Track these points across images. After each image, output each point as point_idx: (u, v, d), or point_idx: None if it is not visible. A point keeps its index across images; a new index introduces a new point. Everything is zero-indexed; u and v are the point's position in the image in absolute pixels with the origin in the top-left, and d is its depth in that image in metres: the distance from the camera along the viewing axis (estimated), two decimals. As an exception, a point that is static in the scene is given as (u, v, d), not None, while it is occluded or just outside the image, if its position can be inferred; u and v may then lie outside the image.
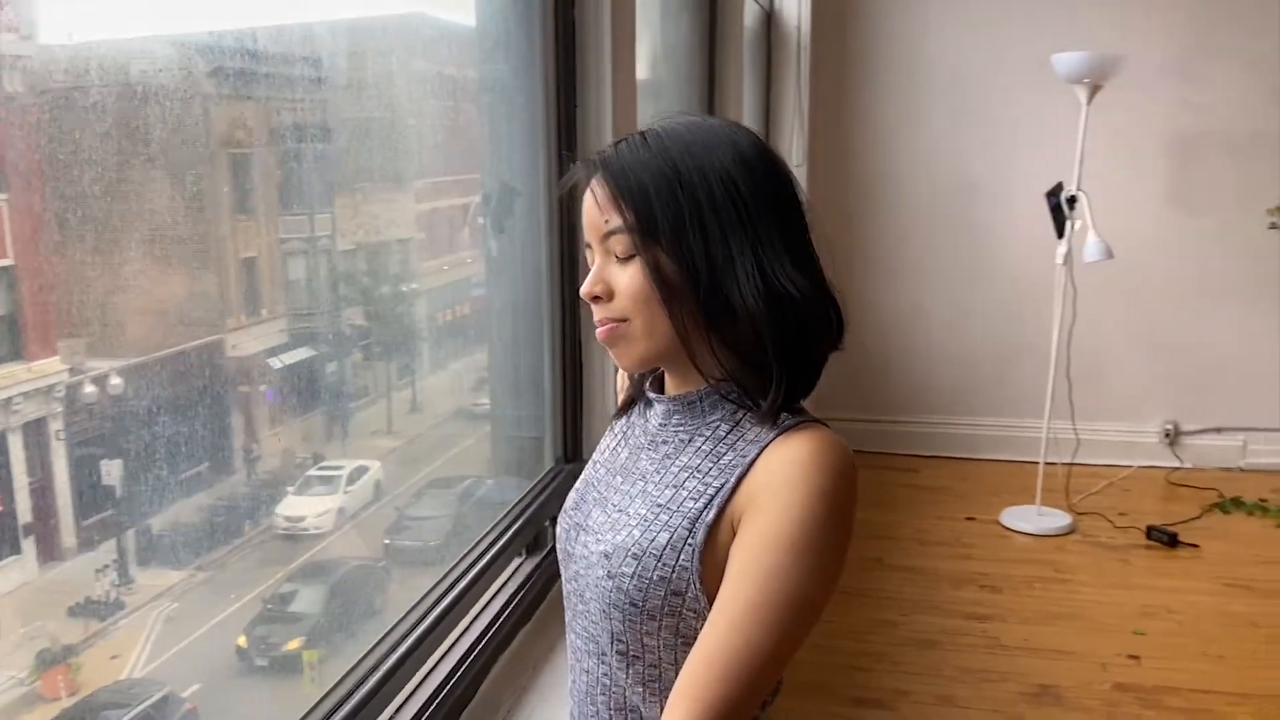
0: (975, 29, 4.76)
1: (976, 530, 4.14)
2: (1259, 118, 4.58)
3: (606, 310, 0.96)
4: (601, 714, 1.00)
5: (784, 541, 0.87)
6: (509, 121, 1.75)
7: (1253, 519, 4.22)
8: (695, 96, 3.12)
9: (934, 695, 2.93)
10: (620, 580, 0.93)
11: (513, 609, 1.56)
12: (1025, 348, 4.75)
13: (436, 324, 1.59)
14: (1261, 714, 2.83)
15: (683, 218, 0.91)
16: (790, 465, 0.90)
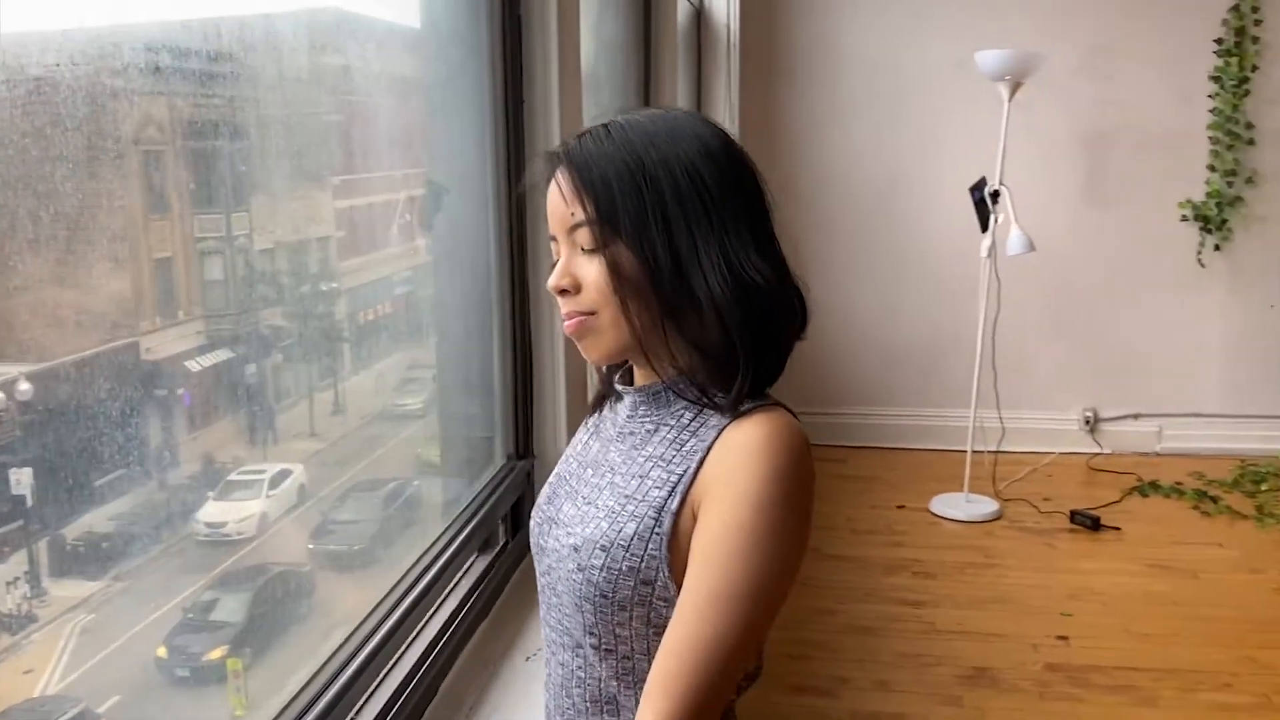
0: (899, 27, 4.84)
1: (907, 518, 4.22)
2: (1169, 115, 4.74)
3: (574, 303, 0.96)
4: (577, 705, 1.00)
5: (742, 527, 0.87)
6: (454, 118, 1.73)
7: (1170, 501, 4.35)
8: (632, 92, 3.12)
9: (872, 681, 2.97)
10: (590, 573, 0.93)
11: (470, 607, 1.55)
12: (951, 339, 4.84)
13: (359, 323, 1.56)
14: (1184, 688, 2.93)
15: (645, 210, 0.91)
16: (743, 450, 0.90)
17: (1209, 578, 3.64)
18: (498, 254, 1.76)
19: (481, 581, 1.62)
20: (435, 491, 1.85)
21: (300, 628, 1.33)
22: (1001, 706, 2.85)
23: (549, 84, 1.72)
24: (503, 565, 1.72)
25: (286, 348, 1.37)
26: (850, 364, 4.97)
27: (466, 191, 1.76)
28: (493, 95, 1.73)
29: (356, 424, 1.54)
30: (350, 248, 1.60)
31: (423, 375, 1.82)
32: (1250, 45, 4.63)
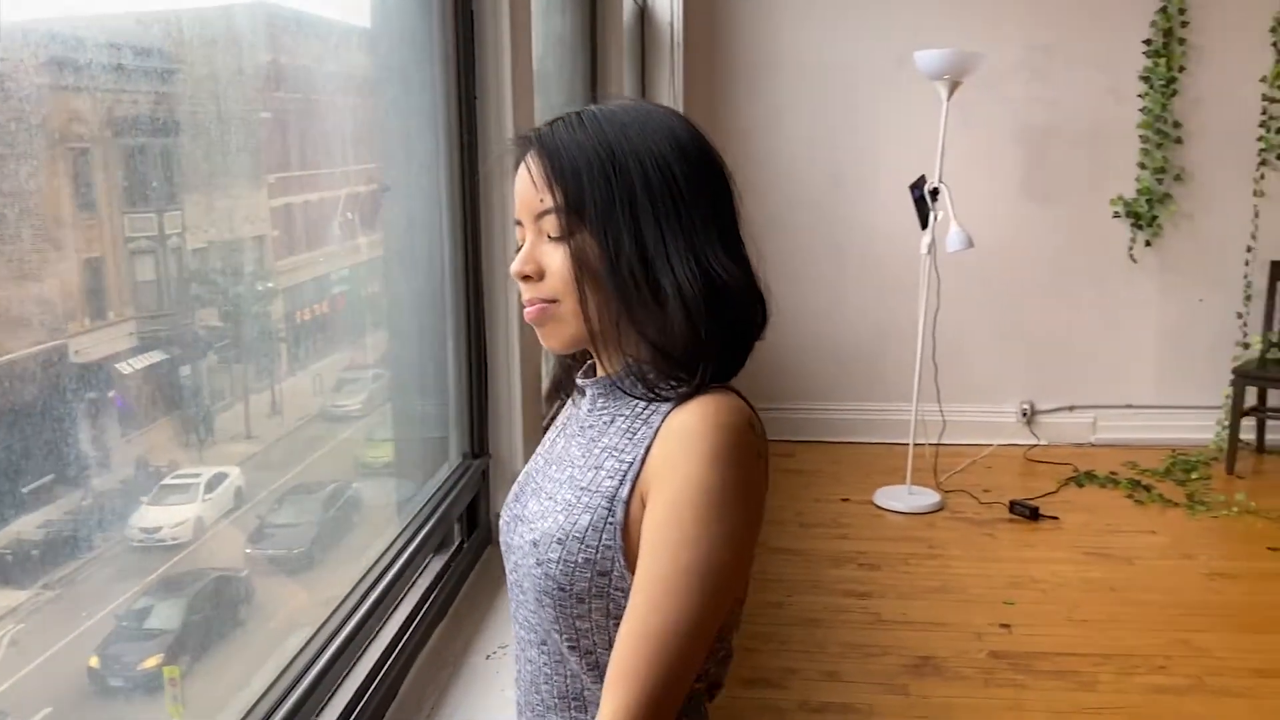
0: (840, 27, 4.89)
1: (852, 511, 4.26)
2: (1101, 113, 4.85)
3: (536, 290, 0.95)
4: (546, 702, 0.99)
5: (686, 511, 0.87)
6: (407, 114, 1.71)
7: (1105, 491, 4.46)
8: (579, 88, 3.11)
9: (820, 672, 3.00)
10: (547, 566, 0.92)
11: (428, 607, 1.54)
12: (893, 334, 4.91)
13: (296, 323, 1.53)
14: (1122, 672, 3.00)
15: (613, 201, 0.91)
16: (683, 433, 0.89)
17: (1143, 564, 3.73)
18: (451, 250, 1.75)
19: (438, 581, 1.60)
20: (383, 492, 1.82)
21: (239, 633, 1.31)
22: (947, 694, 2.90)
23: (501, 79, 1.71)
24: (459, 565, 1.71)
25: (222, 349, 1.33)
26: (795, 360, 5.01)
27: (419, 187, 1.74)
28: (445, 91, 1.71)
29: (294, 425, 1.51)
30: (287, 246, 1.57)
31: (363, 375, 1.79)
32: (1177, 46, 4.76)
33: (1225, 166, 4.83)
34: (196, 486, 1.27)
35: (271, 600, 1.41)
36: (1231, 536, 3.99)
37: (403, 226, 1.75)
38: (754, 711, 2.80)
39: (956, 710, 2.82)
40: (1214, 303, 4.93)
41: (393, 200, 1.72)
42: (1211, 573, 3.67)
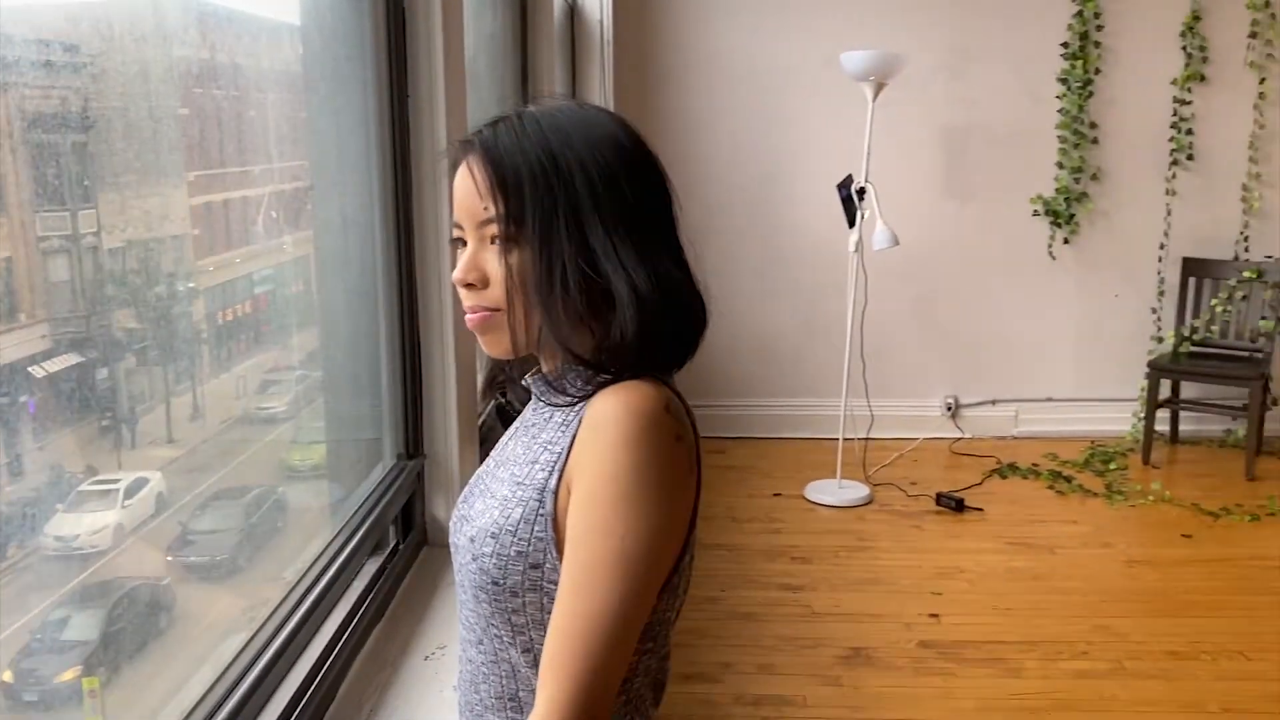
0: (769, 28, 4.93)
1: (784, 505, 4.31)
2: (1020, 113, 4.97)
3: (479, 298, 0.94)
4: (485, 702, 0.99)
5: (601, 498, 0.86)
6: (338, 112, 1.68)
7: (1027, 482, 4.58)
8: (509, 87, 3.10)
9: (755, 665, 3.03)
10: (482, 561, 0.92)
11: (365, 609, 1.52)
12: (822, 331, 4.97)
13: (218, 324, 1.49)
14: (1046, 658, 3.08)
15: (557, 211, 0.90)
16: (597, 421, 0.89)
17: (1065, 553, 3.84)
18: (384, 249, 1.72)
19: (374, 584, 1.59)
20: (313, 495, 1.79)
21: (161, 642, 1.27)
22: (878, 684, 2.95)
23: (434, 78, 1.69)
24: (396, 567, 1.69)
25: (141, 350, 1.29)
26: (726, 357, 5.04)
27: (351, 185, 1.71)
28: (377, 89, 1.69)
29: (218, 428, 1.47)
30: (208, 245, 1.53)
31: (289, 376, 1.75)
32: (1093, 50, 4.90)
33: (1139, 166, 4.99)
34: (115, 493, 1.23)
35: (195, 608, 1.38)
36: (1148, 524, 4.12)
37: (335, 224, 1.72)
38: (690, 706, 2.81)
39: (888, 699, 2.87)
40: (1129, 298, 5.09)
41: (324, 198, 1.69)
42: (1130, 560, 3.79)
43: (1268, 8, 4.83)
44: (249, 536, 1.51)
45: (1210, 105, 4.93)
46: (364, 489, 1.71)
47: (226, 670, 1.26)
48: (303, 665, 1.34)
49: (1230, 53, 4.88)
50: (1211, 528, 4.04)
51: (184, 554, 1.37)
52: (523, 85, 3.20)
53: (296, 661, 1.35)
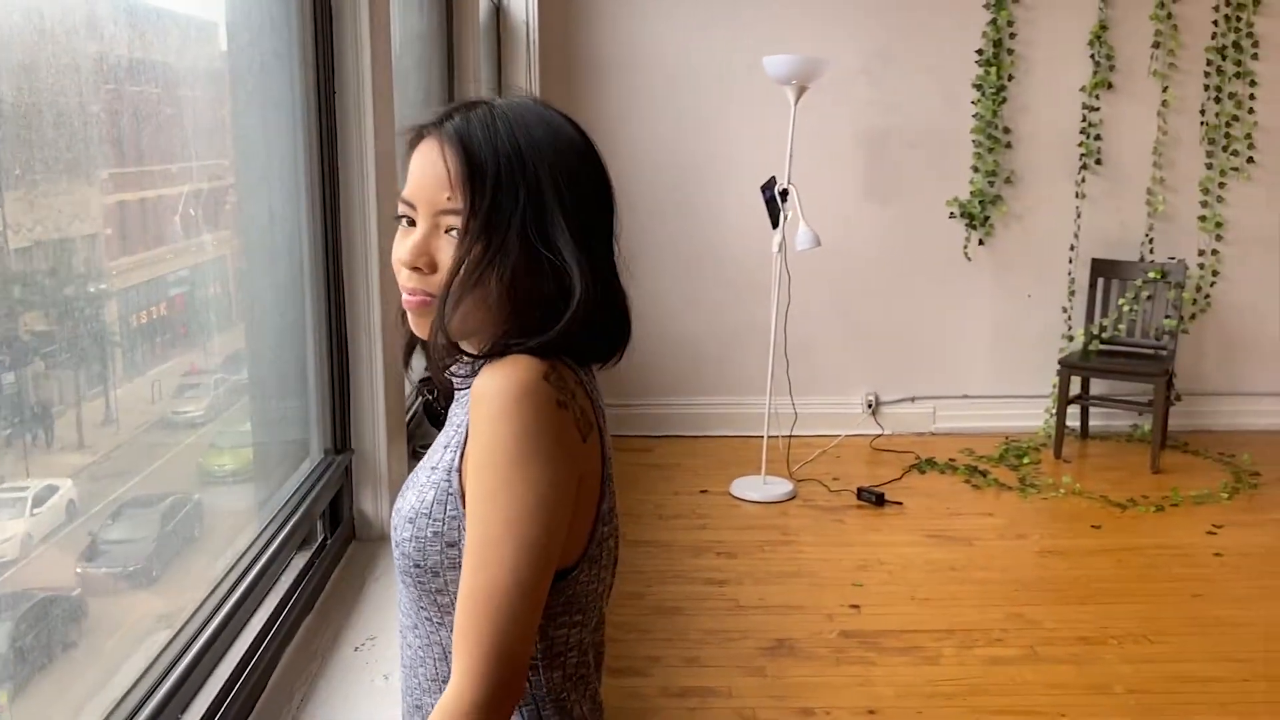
0: (692, 30, 4.99)
1: (710, 502, 4.37)
2: (936, 118, 5.11)
3: (423, 283, 0.93)
4: (422, 684, 1.00)
5: (486, 470, 0.88)
6: (265, 109, 1.66)
7: (944, 476, 4.71)
8: (435, 84, 3.08)
9: (681, 658, 3.07)
10: (403, 545, 0.94)
11: (293, 603, 1.51)
12: (747, 330, 5.04)
13: (131, 326, 1.44)
14: (962, 645, 3.18)
15: (524, 213, 0.90)
16: (480, 396, 0.90)
17: (980, 544, 3.96)
18: (311, 246, 1.71)
19: (303, 578, 1.58)
20: (235, 496, 1.76)
21: (71, 654, 1.24)
22: (801, 673, 3.01)
23: (361, 74, 1.69)
24: (324, 561, 1.68)
25: (49, 354, 1.24)
26: (653, 357, 5.08)
27: (277, 183, 1.69)
28: (304, 86, 1.68)
29: (132, 433, 1.43)
30: (121, 246, 1.48)
31: (208, 380, 1.71)
32: (1006, 57, 5.06)
33: (1050, 170, 5.17)
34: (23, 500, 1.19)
35: (109, 617, 1.34)
36: (1059, 516, 4.27)
37: (261, 222, 1.70)
38: (618, 698, 2.84)
39: (810, 688, 2.94)
40: (1041, 298, 5.27)
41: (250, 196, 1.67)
42: (1042, 550, 3.93)
43: (1170, 19, 5.04)
44: (166, 543, 1.47)
45: (1117, 112, 5.13)
46: (291, 484, 1.69)
47: (153, 664, 1.25)
48: (231, 657, 1.33)
49: (1135, 62, 5.09)
50: (1119, 518, 4.21)
51: (97, 563, 1.33)
52: (449, 82, 3.20)
53: (225, 655, 1.34)
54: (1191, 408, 5.28)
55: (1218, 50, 5.08)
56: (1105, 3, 5.03)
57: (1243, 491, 4.49)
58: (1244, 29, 5.06)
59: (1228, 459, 4.88)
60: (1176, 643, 3.20)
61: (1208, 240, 5.23)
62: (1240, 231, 5.23)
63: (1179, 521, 4.18)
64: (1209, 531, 4.06)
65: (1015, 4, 5.02)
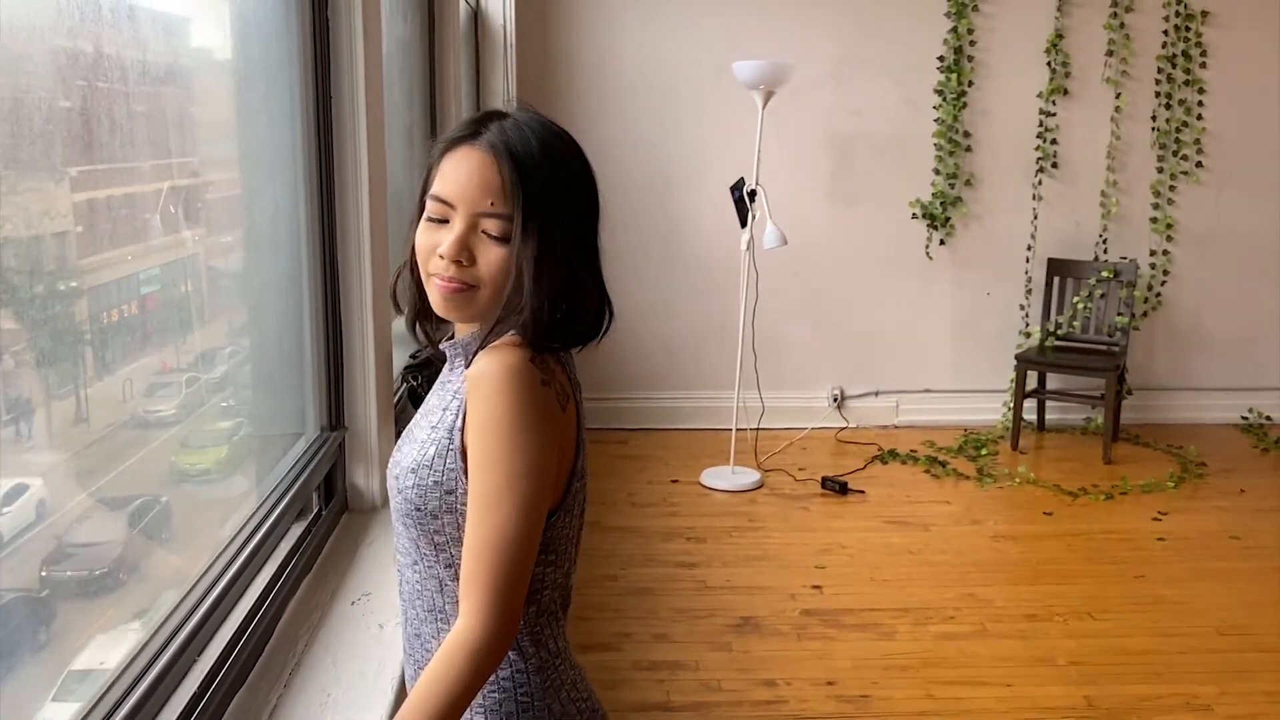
0: (663, 36, 5.14)
1: (681, 491, 4.53)
2: (899, 122, 5.29)
3: (462, 274, 1.07)
4: (420, 614, 1.16)
5: (486, 440, 1.04)
6: (267, 113, 1.78)
7: (905, 467, 4.89)
8: (419, 88, 3.22)
9: (652, 635, 3.23)
10: (406, 492, 1.10)
11: (293, 565, 1.66)
12: (717, 327, 5.21)
13: (102, 324, 1.44)
14: (917, 622, 3.36)
15: (563, 222, 1.07)
16: (476, 378, 1.06)
17: (938, 530, 4.15)
18: (309, 240, 1.85)
19: (300, 544, 1.72)
20: (239, 469, 1.86)
21: (43, 655, 1.25)
22: (765, 648, 3.18)
23: (355, 81, 1.83)
24: (320, 530, 1.82)
25: (18, 353, 1.22)
26: (626, 352, 5.24)
27: (279, 180, 1.83)
28: (303, 92, 1.82)
29: (103, 431, 1.42)
30: (96, 243, 1.45)
31: (177, 379, 1.67)
32: (967, 63, 5.26)
33: (1009, 173, 5.37)
34: None
35: (80, 618, 1.34)
36: (1014, 504, 4.47)
37: (266, 217, 1.83)
38: (591, 671, 2.96)
39: (773, 661, 3.11)
40: (1000, 296, 5.47)
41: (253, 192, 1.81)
42: (996, 535, 4.12)
43: (1122, 29, 5.26)
44: (139, 542, 1.48)
45: (1072, 117, 5.34)
46: (289, 458, 1.83)
47: (166, 620, 1.37)
48: (240, 609, 1.47)
49: (1090, 69, 5.30)
50: (1070, 506, 4.41)
51: (62, 567, 1.31)
52: (430, 87, 3.34)
53: (234, 607, 1.48)
54: (1143, 402, 5.50)
55: (1168, 59, 5.30)
56: (1061, 12, 5.23)
57: (1189, 481, 4.71)
58: (1193, 39, 5.28)
59: (1176, 450, 5.10)
60: (1117, 619, 3.40)
61: (1159, 241, 5.46)
62: (1190, 232, 5.45)
63: (1126, 509, 4.39)
64: (1154, 518, 4.27)
65: (975, 13, 5.21)
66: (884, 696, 2.93)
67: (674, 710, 2.84)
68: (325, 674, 1.44)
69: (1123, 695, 2.94)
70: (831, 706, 2.88)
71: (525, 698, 1.13)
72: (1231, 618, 3.40)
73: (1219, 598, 3.55)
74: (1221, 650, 3.20)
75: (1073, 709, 2.87)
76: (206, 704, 1.28)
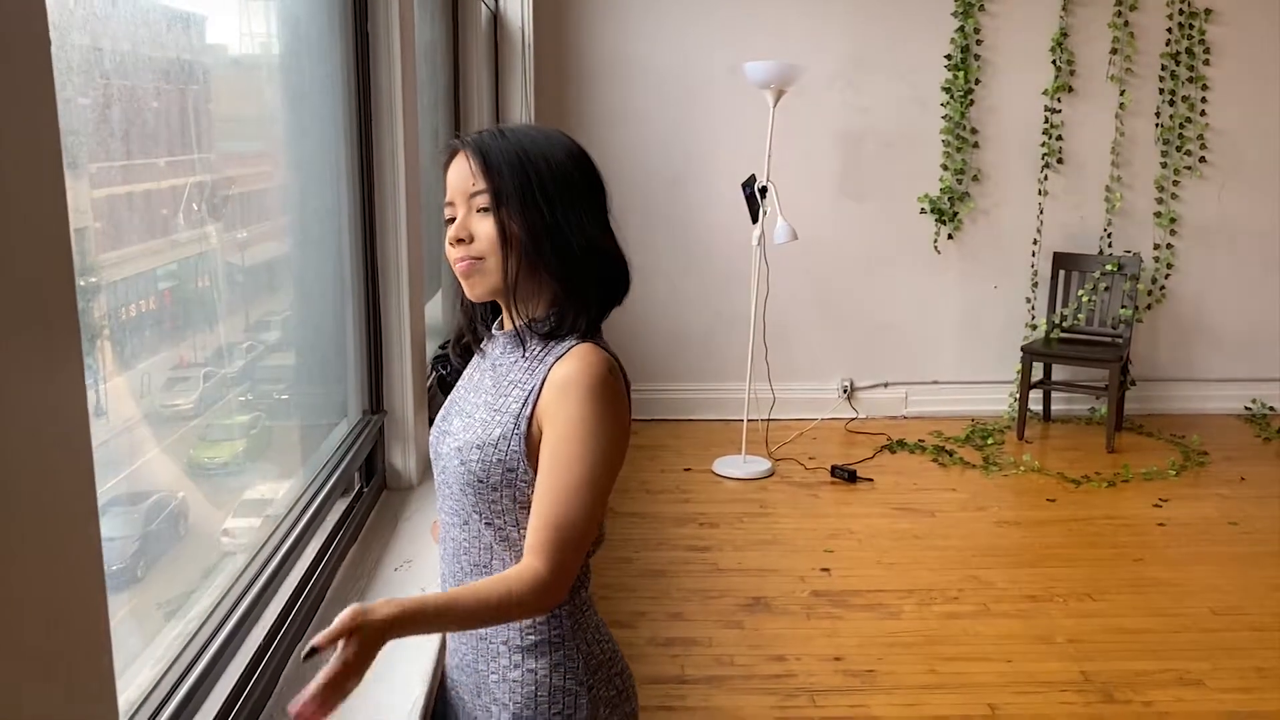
0: (676, 36, 5.28)
1: (693, 478, 4.68)
2: (907, 120, 5.41)
3: (467, 251, 1.26)
4: (465, 569, 1.31)
5: (575, 437, 1.21)
6: (312, 112, 1.92)
7: (913, 456, 5.02)
8: (444, 88, 3.37)
9: (666, 614, 3.37)
10: (470, 465, 1.26)
11: (340, 536, 1.81)
12: (728, 320, 5.35)
13: (121, 320, 1.46)
14: (922, 603, 3.49)
15: (525, 188, 1.24)
16: (565, 381, 1.23)
17: (943, 516, 4.28)
18: (351, 238, 2.00)
19: (345, 519, 1.87)
20: (288, 447, 1.97)
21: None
22: (776, 626, 3.32)
23: (393, 88, 1.98)
24: (361, 506, 1.97)
25: None
26: (640, 345, 5.38)
27: (324, 178, 1.97)
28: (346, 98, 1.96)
29: (122, 426, 1.43)
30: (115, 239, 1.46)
31: (195, 374, 1.68)
32: (974, 62, 5.37)
33: (1015, 169, 5.49)
34: None
35: None
36: (1018, 491, 4.59)
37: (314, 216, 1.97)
38: (609, 646, 3.14)
39: (783, 638, 3.25)
40: (1006, 289, 5.59)
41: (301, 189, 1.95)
42: (1000, 521, 4.25)
43: (1127, 27, 5.36)
44: (148, 545, 1.50)
45: (1077, 114, 5.45)
46: (334, 439, 1.98)
47: (237, 579, 1.53)
48: (295, 574, 1.62)
49: (1094, 67, 5.41)
50: (1073, 493, 4.53)
51: None
52: (454, 88, 3.49)
53: (289, 574, 1.62)
54: (1146, 392, 5.62)
55: (1172, 56, 5.40)
56: (1066, 11, 5.34)
57: (1190, 469, 4.83)
58: (1196, 36, 5.38)
59: (1178, 439, 5.21)
60: (1115, 600, 3.52)
61: (1162, 235, 5.56)
62: (1193, 227, 5.56)
63: (1128, 496, 4.51)
64: (1155, 504, 4.39)
65: (982, 12, 5.33)
66: (889, 671, 3.07)
67: (689, 683, 2.98)
68: (374, 631, 1.59)
69: (1118, 670, 3.07)
70: (839, 680, 3.02)
71: (558, 637, 1.31)
72: (1226, 599, 3.53)
73: (1215, 580, 3.67)
74: (1215, 629, 3.33)
75: (1070, 683, 3.00)
76: (274, 650, 1.43)
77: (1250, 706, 2.90)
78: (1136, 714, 2.86)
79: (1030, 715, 2.85)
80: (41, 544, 0.67)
